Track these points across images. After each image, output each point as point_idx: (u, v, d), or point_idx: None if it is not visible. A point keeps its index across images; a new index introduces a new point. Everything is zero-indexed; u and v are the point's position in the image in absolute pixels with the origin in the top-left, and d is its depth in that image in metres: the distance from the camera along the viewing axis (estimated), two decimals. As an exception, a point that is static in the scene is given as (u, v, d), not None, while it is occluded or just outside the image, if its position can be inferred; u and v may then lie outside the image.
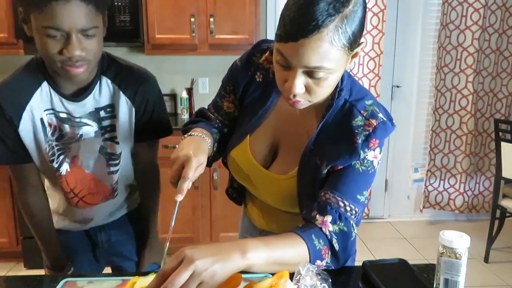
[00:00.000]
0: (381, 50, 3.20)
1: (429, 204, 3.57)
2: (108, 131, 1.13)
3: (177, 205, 0.81)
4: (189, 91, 3.19)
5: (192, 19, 2.79)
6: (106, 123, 1.12)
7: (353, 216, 0.87)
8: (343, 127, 0.88)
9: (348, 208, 0.86)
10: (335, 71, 0.79)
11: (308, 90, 0.81)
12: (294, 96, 0.81)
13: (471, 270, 1.06)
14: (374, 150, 0.87)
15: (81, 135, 1.10)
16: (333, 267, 0.86)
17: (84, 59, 0.97)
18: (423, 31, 3.40)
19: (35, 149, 1.09)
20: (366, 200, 0.90)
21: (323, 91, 0.82)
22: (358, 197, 0.87)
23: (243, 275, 0.77)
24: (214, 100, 1.10)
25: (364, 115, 0.87)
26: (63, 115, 1.07)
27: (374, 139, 0.86)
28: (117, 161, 1.17)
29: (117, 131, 1.13)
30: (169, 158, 0.86)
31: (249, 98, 1.02)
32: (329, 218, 0.85)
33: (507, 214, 2.89)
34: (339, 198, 0.86)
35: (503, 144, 2.74)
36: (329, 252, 0.85)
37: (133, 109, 1.13)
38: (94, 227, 1.30)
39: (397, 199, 3.68)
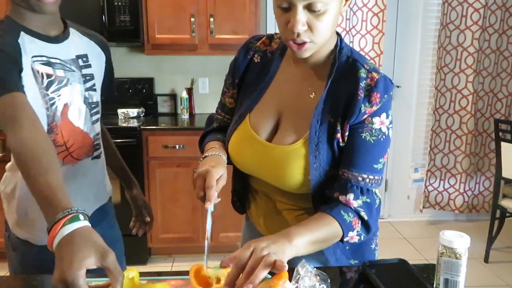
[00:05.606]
0: (381, 50, 3.20)
1: (429, 204, 3.57)
2: (88, 80, 1.23)
3: (208, 213, 0.88)
4: (189, 91, 3.20)
5: (192, 19, 2.79)
6: (85, 71, 1.22)
7: (374, 185, 0.92)
8: (349, 81, 0.91)
9: (367, 180, 0.91)
10: (332, 1, 0.83)
11: (310, 27, 0.84)
12: (298, 35, 0.84)
13: (471, 270, 1.06)
14: (378, 115, 0.90)
15: (68, 79, 1.16)
16: (363, 235, 0.92)
17: None
18: (423, 31, 3.40)
19: (32, 97, 1.04)
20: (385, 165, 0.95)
21: (324, 27, 0.85)
22: (375, 166, 0.91)
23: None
24: (220, 100, 1.13)
25: (367, 68, 0.91)
26: (52, 60, 1.12)
27: (375, 93, 0.89)
28: (97, 109, 1.27)
29: (95, 77, 1.25)
30: (169, 158, 0.87)
31: (247, 80, 1.05)
32: (351, 196, 0.90)
33: (507, 214, 2.89)
34: (357, 174, 0.90)
35: (503, 144, 2.75)
36: (359, 222, 0.90)
37: (103, 55, 1.30)
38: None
39: (397, 199, 3.68)
